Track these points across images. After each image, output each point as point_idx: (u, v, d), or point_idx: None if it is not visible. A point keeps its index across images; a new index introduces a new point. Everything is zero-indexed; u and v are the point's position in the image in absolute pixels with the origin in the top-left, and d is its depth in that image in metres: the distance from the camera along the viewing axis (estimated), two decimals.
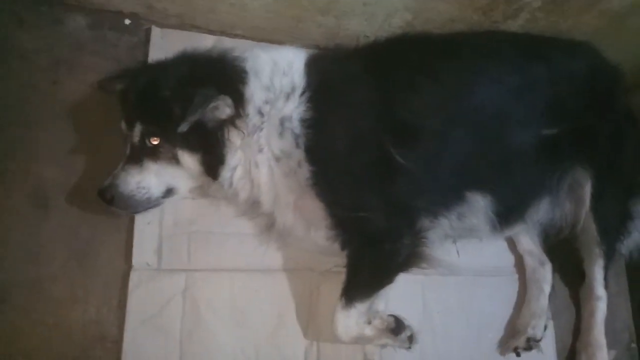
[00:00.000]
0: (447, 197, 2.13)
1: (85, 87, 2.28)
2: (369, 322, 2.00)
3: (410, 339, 2.07)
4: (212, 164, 2.00)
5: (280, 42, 2.51)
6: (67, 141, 2.21)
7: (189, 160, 1.99)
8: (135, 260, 2.12)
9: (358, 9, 2.33)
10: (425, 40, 2.25)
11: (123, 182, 1.97)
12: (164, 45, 2.39)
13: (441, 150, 2.07)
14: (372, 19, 2.39)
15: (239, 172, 2.05)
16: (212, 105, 1.89)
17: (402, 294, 2.23)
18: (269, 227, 2.18)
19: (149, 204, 2.05)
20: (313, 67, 2.07)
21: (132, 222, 2.17)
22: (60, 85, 2.27)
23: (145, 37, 2.41)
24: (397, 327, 2.04)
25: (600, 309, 2.43)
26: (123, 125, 2.04)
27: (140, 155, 1.99)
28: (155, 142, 1.96)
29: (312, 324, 2.22)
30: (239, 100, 1.96)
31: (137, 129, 1.97)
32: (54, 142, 2.20)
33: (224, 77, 1.99)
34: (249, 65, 2.02)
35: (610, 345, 2.40)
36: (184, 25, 2.45)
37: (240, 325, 2.16)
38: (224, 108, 1.93)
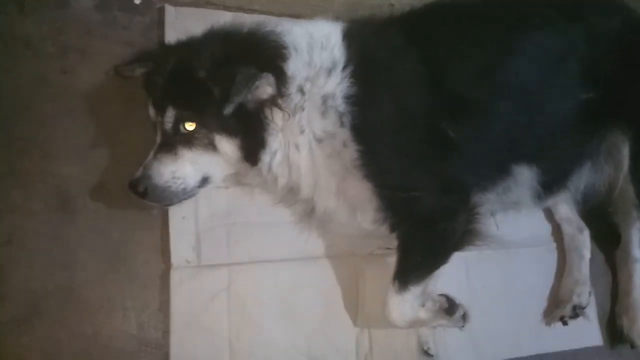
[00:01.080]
0: (495, 170, 2.07)
1: (98, 74, 2.12)
2: (423, 305, 1.93)
3: (464, 317, 2.02)
4: (252, 148, 1.86)
5: (300, 16, 2.37)
6: (84, 135, 2.05)
7: (227, 146, 1.84)
8: (174, 258, 1.99)
9: None
10: (462, 6, 2.13)
11: (157, 173, 1.81)
12: (179, 24, 2.22)
13: (489, 122, 2.00)
14: None
15: (278, 157, 1.91)
16: (255, 84, 1.74)
17: (446, 272, 2.12)
18: (309, 213, 2.07)
19: (185, 195, 1.89)
20: (352, 39, 1.94)
21: (165, 218, 2.03)
22: (71, 75, 2.09)
23: (158, 17, 2.24)
24: (450, 306, 1.99)
25: (638, 271, 2.42)
26: (151, 111, 1.87)
27: (173, 142, 1.83)
28: (191, 128, 1.79)
29: (361, 310, 2.14)
30: (280, 79, 1.81)
31: (170, 114, 1.80)
32: (71, 137, 2.03)
33: (262, 54, 1.83)
34: (287, 40, 1.87)
35: None
36: (198, 2, 2.29)
37: (289, 317, 2.07)
38: (265, 87, 1.78)
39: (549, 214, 2.57)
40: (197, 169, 1.86)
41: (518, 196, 2.17)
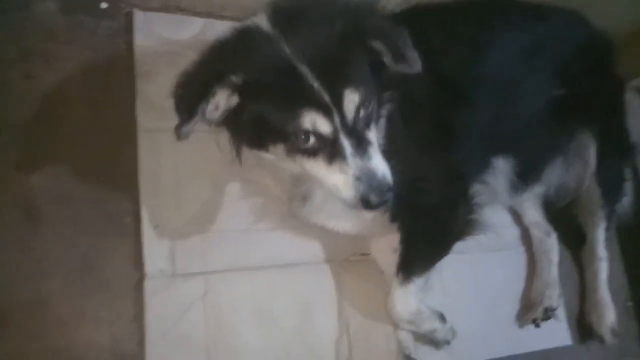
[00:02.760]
0: (482, 162, 2.13)
1: (63, 79, 2.03)
2: (423, 302, 1.98)
3: (453, 331, 2.10)
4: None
5: None
6: (49, 142, 1.96)
7: (376, 112, 1.59)
8: (149, 267, 1.93)
9: None
10: (443, 8, 2.18)
11: (386, 170, 1.50)
12: (148, 30, 2.17)
13: (479, 113, 2.05)
14: None
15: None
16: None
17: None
18: (304, 198, 1.96)
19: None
20: None
21: (137, 226, 1.97)
22: (35, 80, 2.00)
23: (125, 22, 2.17)
24: (440, 315, 2.07)
25: (604, 269, 2.51)
26: (317, 117, 1.42)
27: (359, 132, 1.48)
28: (367, 106, 1.49)
29: (340, 316, 2.14)
30: None
31: (351, 103, 1.44)
32: (36, 144, 1.95)
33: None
34: None
35: None
36: (168, 7, 2.24)
37: (266, 325, 2.04)
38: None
39: (517, 218, 2.63)
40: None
41: (496, 188, 2.22)
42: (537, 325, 2.42)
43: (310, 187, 1.89)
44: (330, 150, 1.46)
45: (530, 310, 2.44)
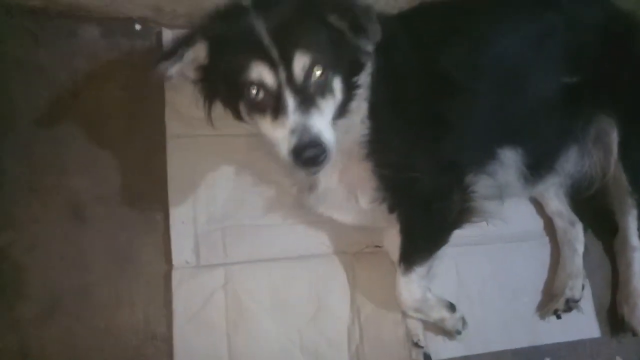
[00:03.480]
0: (482, 152, 2.14)
1: (104, 95, 2.33)
2: (429, 290, 2.08)
3: (463, 321, 2.17)
4: (349, 96, 1.79)
5: None
6: (94, 152, 2.25)
7: (339, 88, 1.74)
8: (175, 259, 2.17)
9: None
10: (448, 2, 2.23)
11: (325, 131, 1.60)
12: None
13: (476, 104, 2.08)
14: None
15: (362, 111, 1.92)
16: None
17: (436, 269, 2.23)
18: (310, 188, 2.13)
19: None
20: None
21: (167, 222, 2.22)
22: (81, 98, 2.31)
23: (156, 41, 2.44)
24: (450, 305, 2.15)
25: (637, 259, 2.43)
26: (263, 69, 1.60)
27: (309, 93, 1.62)
28: (319, 72, 1.64)
29: (352, 304, 2.27)
30: None
31: (302, 60, 1.60)
32: (82, 154, 2.24)
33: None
34: None
35: None
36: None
37: (282, 312, 2.21)
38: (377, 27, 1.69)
39: (541, 209, 2.60)
40: (328, 120, 1.68)
41: (506, 179, 2.22)
42: (559, 317, 2.40)
43: (316, 177, 2.04)
44: (275, 105, 1.62)
45: (552, 301, 2.43)
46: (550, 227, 2.58)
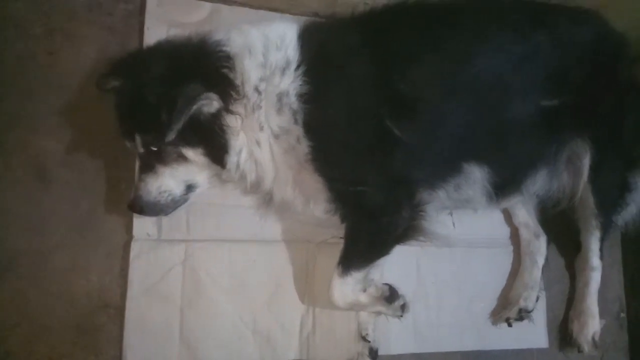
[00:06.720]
0: (445, 168, 2.13)
1: (82, 56, 2.28)
2: (364, 290, 2.08)
3: (403, 307, 2.17)
4: (217, 153, 1.99)
5: (277, 10, 2.48)
6: (65, 113, 2.22)
7: (194, 155, 1.98)
8: (136, 230, 2.17)
9: None
10: (425, 7, 2.16)
11: (145, 192, 2.00)
12: (160, 13, 2.35)
13: (439, 122, 2.05)
14: None
15: (244, 154, 2.03)
16: (196, 106, 1.85)
17: (397, 264, 2.30)
18: (267, 201, 2.20)
19: (177, 204, 2.07)
20: (307, 39, 2.02)
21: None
22: (57, 56, 2.26)
23: (140, 5, 2.37)
24: (390, 295, 2.14)
25: (595, 279, 2.46)
26: (124, 140, 2.01)
27: (150, 162, 2.00)
28: (156, 149, 1.95)
29: (309, 292, 2.29)
30: (228, 87, 1.93)
31: (138, 140, 1.95)
32: (53, 113, 2.21)
33: (208, 66, 1.94)
34: (233, 48, 1.97)
35: (600, 315, 2.45)
36: None
37: (239, 293, 2.23)
38: (210, 103, 1.89)
39: (510, 217, 2.61)
40: (178, 180, 2.03)
41: (470, 195, 2.21)
42: (510, 325, 2.44)
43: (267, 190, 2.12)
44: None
45: (506, 309, 2.46)
46: (516, 237, 2.60)
